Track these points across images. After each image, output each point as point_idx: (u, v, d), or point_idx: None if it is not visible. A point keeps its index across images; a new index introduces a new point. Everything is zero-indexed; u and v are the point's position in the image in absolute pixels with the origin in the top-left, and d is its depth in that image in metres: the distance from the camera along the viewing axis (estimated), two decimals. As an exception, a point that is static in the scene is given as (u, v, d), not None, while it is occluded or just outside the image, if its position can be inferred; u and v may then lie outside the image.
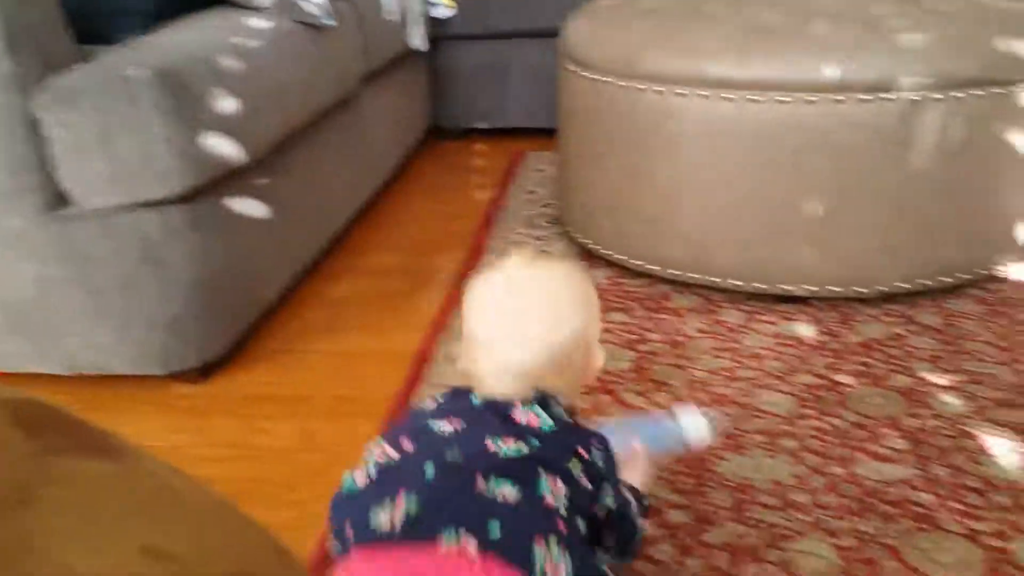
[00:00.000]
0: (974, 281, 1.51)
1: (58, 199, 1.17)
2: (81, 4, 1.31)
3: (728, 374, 1.28)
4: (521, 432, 0.69)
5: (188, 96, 1.18)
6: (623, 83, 1.48)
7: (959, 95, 1.34)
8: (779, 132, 1.37)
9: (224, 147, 1.25)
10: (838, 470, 1.06)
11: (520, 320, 0.74)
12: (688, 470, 1.06)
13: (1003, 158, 1.41)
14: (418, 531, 0.62)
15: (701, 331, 1.41)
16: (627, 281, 1.60)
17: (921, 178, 1.38)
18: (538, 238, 1.82)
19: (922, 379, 1.25)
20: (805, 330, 1.40)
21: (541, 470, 0.66)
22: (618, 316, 1.47)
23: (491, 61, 2.62)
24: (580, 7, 2.48)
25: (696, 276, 1.50)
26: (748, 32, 1.41)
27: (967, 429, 1.13)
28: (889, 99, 1.33)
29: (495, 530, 0.61)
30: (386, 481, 0.67)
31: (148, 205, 1.18)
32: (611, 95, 1.51)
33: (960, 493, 1.01)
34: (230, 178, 1.30)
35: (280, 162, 1.49)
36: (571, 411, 0.76)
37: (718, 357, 1.33)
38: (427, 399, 0.78)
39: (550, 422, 0.71)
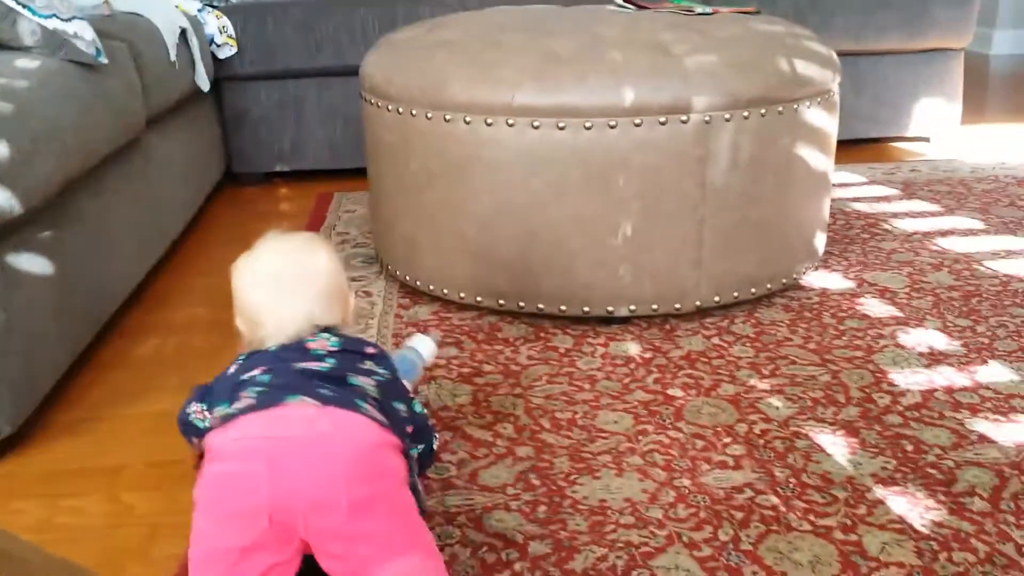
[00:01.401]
0: (780, 290, 1.61)
1: None
2: None
3: (567, 398, 1.27)
4: (318, 355, 0.87)
5: (-53, 141, 1.03)
6: (431, 115, 1.46)
7: (747, 114, 1.42)
8: (586, 157, 1.40)
9: (-5, 197, 1.09)
10: (685, 481, 1.07)
11: (291, 280, 0.92)
12: (542, 498, 1.03)
13: (793, 171, 1.52)
14: (268, 399, 0.81)
15: (533, 359, 1.40)
16: (455, 315, 1.57)
17: (719, 195, 1.45)
18: (356, 279, 1.75)
19: (747, 385, 1.30)
20: (632, 348, 1.43)
21: (348, 374, 0.86)
22: (450, 351, 1.43)
23: (282, 101, 2.53)
24: (374, 43, 2.48)
25: (523, 305, 1.49)
26: (547, 61, 1.43)
27: (797, 430, 1.18)
28: (683, 120, 1.39)
29: (326, 394, 0.82)
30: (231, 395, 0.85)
31: (-96, 267, 1.01)
32: (421, 128, 1.49)
33: (802, 492, 1.04)
34: (6, 232, 1.15)
35: (63, 212, 1.34)
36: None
37: (554, 383, 1.32)
38: (228, 369, 0.91)
39: (336, 339, 0.90)
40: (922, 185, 2.35)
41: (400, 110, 1.51)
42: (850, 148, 2.72)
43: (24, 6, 1.42)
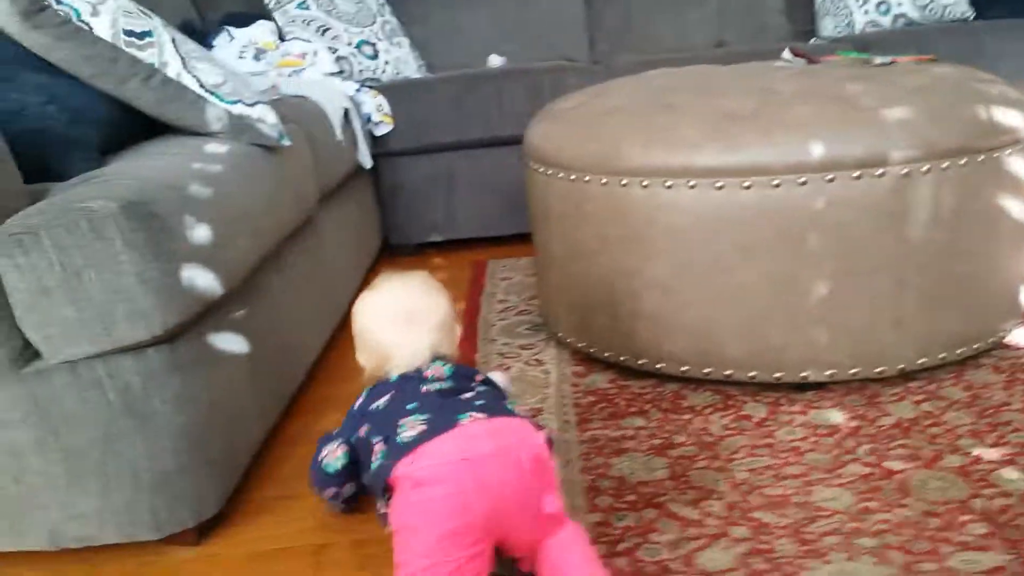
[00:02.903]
0: (986, 350, 1.48)
1: (23, 353, 1.02)
2: (24, 141, 1.18)
3: (773, 473, 1.19)
4: (436, 379, 1.01)
5: (159, 227, 1.06)
6: (605, 180, 1.43)
7: (946, 165, 1.33)
8: (774, 215, 1.33)
9: (201, 279, 1.12)
10: (930, 566, 0.97)
11: (414, 316, 1.06)
12: (770, 586, 0.95)
13: (996, 223, 1.40)
14: (441, 424, 0.91)
15: (728, 429, 1.32)
16: (633, 382, 1.51)
17: (919, 250, 1.35)
18: (524, 347, 1.73)
19: (973, 456, 1.19)
20: (835, 417, 1.33)
21: (473, 384, 1.02)
22: (636, 421, 1.37)
23: (434, 174, 2.58)
24: (522, 115, 2.50)
25: (707, 371, 1.42)
26: (725, 119, 1.38)
27: (1045, 504, 1.06)
28: (878, 174, 1.31)
29: (484, 405, 0.94)
30: (388, 429, 0.95)
31: (125, 351, 1.04)
32: (594, 194, 1.46)
33: (1071, 576, 0.92)
34: (207, 313, 1.17)
35: (252, 290, 1.37)
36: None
37: (755, 455, 1.24)
38: (355, 405, 1.06)
39: (450, 368, 1.04)
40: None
41: (572, 177, 1.49)
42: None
43: (212, 93, 1.49)
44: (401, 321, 1.05)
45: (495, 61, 2.90)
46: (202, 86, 1.43)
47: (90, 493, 1.07)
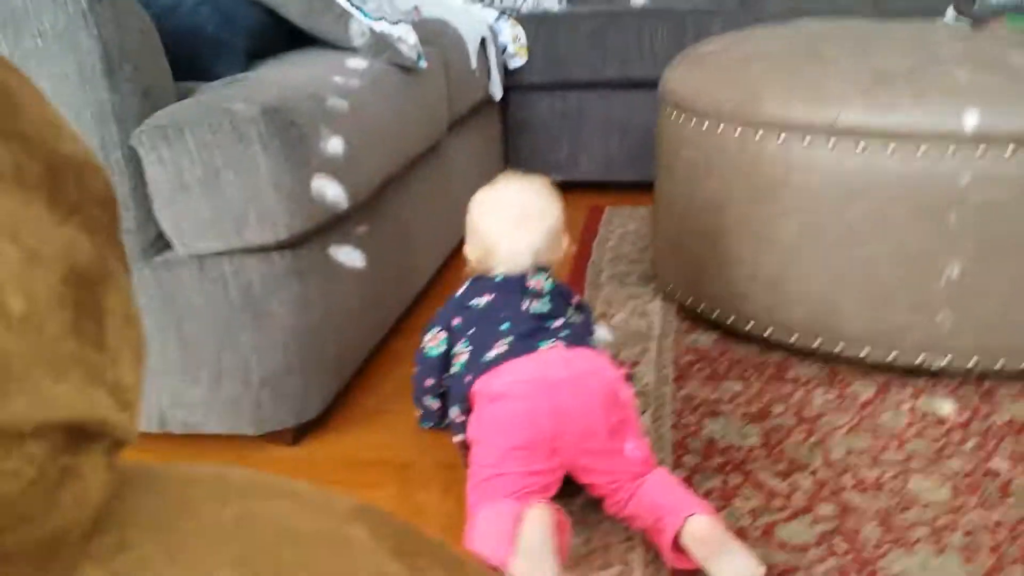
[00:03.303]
0: None
1: (156, 243, 1.09)
2: (175, 39, 1.24)
3: (871, 455, 1.15)
4: (535, 294, 1.05)
5: (297, 135, 1.10)
6: (739, 131, 1.39)
7: (1112, 152, 1.23)
8: (915, 186, 1.26)
9: (331, 190, 1.16)
10: (1018, 571, 0.93)
11: (524, 216, 1.08)
12: (850, 568, 0.94)
13: None
14: (524, 347, 0.98)
15: (830, 405, 1.29)
16: (737, 346, 1.48)
17: (1070, 242, 1.26)
18: (632, 296, 1.72)
19: (1092, 468, 1.12)
20: (946, 407, 1.28)
21: (569, 307, 1.07)
22: (734, 385, 1.35)
23: (564, 111, 2.55)
24: (661, 57, 2.43)
25: (819, 342, 1.38)
26: (878, 77, 1.31)
27: None
28: (1036, 154, 1.22)
29: (568, 335, 1.00)
30: (476, 340, 1.02)
31: (251, 251, 1.10)
32: (726, 144, 1.42)
33: None
34: (332, 225, 1.22)
35: (375, 209, 1.41)
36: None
37: (855, 435, 1.21)
38: (457, 293, 1.11)
39: (551, 283, 1.08)
40: None
41: (705, 125, 1.45)
42: None
43: (357, 8, 1.51)
44: (512, 218, 1.08)
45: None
46: (349, 0, 1.46)
47: (201, 383, 1.14)
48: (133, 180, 1.06)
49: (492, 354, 0.98)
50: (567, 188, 1.37)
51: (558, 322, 1.03)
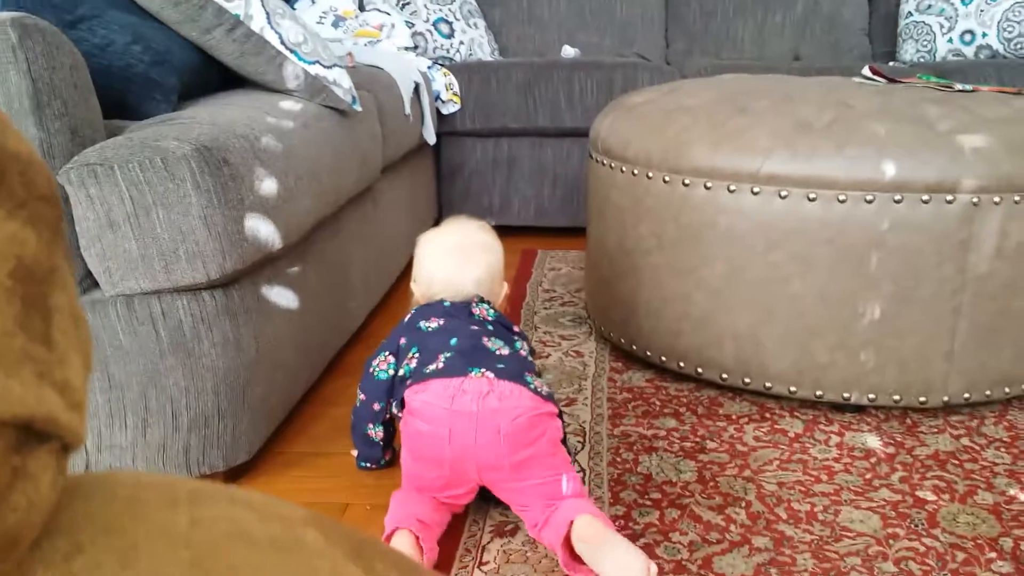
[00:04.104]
0: (1035, 392, 1.45)
1: (82, 282, 1.06)
2: (106, 77, 1.22)
3: (802, 488, 1.18)
4: (479, 320, 1.11)
5: (229, 173, 1.09)
6: (669, 178, 1.43)
7: (1018, 198, 1.30)
8: (836, 231, 1.32)
9: (263, 230, 1.15)
10: (948, 599, 0.95)
11: (468, 250, 1.17)
12: (786, 598, 0.95)
13: (1063, 264, 1.37)
14: (455, 369, 1.02)
15: (762, 440, 1.31)
16: (670, 384, 1.51)
17: (979, 282, 1.32)
18: (566, 337, 1.73)
19: (1008, 496, 1.16)
20: (871, 441, 1.31)
21: (509, 344, 1.09)
22: (669, 422, 1.37)
23: (496, 158, 2.59)
24: (591, 107, 2.49)
25: (747, 380, 1.41)
26: (799, 128, 1.37)
27: (1080, 553, 1.03)
28: (948, 200, 1.29)
29: (501, 368, 1.02)
30: (424, 351, 1.07)
31: (181, 291, 1.07)
32: (656, 191, 1.46)
33: (1099, 628, 0.90)
34: (264, 265, 1.20)
35: (308, 250, 1.39)
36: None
37: (786, 469, 1.23)
38: (404, 319, 1.15)
39: (494, 313, 1.14)
40: None
41: (635, 172, 1.49)
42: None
43: (292, 51, 1.52)
44: (457, 252, 1.16)
45: (568, 52, 2.90)
46: (283, 43, 1.46)
47: (127, 426, 1.10)
48: (58, 218, 1.03)
49: (430, 368, 1.03)
50: (500, 232, 1.39)
51: (503, 350, 1.06)
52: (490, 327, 1.10)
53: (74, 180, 1.02)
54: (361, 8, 2.67)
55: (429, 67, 2.47)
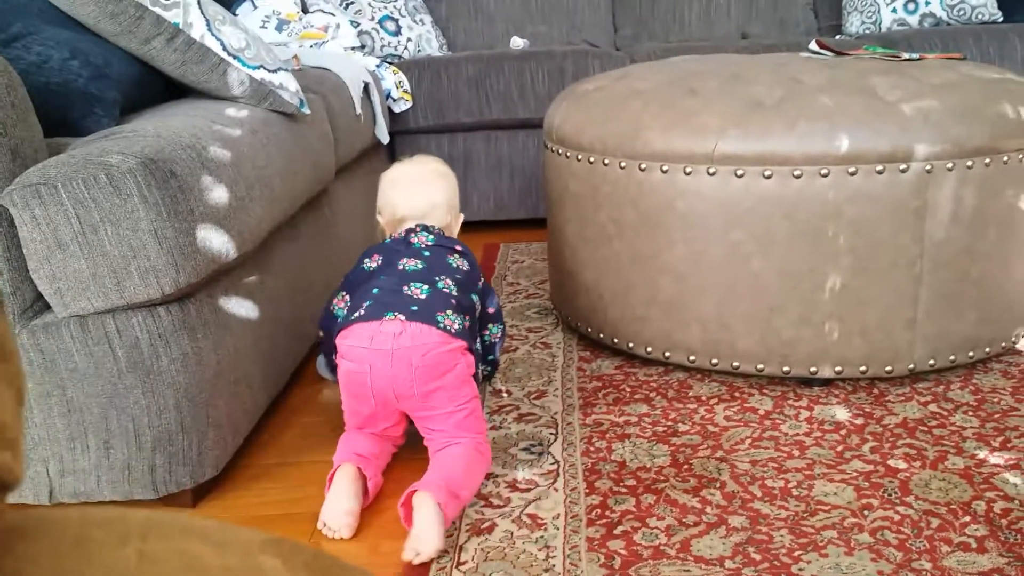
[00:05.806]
0: (997, 355, 1.47)
1: (33, 305, 1.03)
2: (44, 95, 1.19)
3: (776, 465, 1.18)
4: (417, 251, 1.23)
5: (177, 185, 1.06)
6: (624, 164, 1.43)
7: (970, 163, 1.32)
8: (793, 207, 1.32)
9: (216, 241, 1.12)
10: (925, 564, 0.96)
11: (422, 186, 1.32)
12: (768, 572, 0.95)
13: (1016, 226, 1.39)
14: (374, 314, 1.14)
15: (731, 420, 1.32)
16: (639, 370, 1.51)
17: (937, 249, 1.34)
18: (532, 329, 1.73)
19: (977, 459, 1.18)
20: (840, 413, 1.32)
21: (437, 277, 1.19)
22: (640, 408, 1.37)
23: (451, 153, 2.57)
24: (543, 97, 2.49)
25: (715, 361, 1.42)
26: (750, 107, 1.37)
27: (1049, 510, 1.05)
28: (902, 170, 1.30)
29: (414, 311, 1.13)
30: (355, 302, 1.20)
31: (135, 308, 1.04)
32: (613, 178, 1.45)
33: (1071, 583, 0.92)
34: (219, 275, 1.18)
35: (264, 257, 1.37)
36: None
37: (759, 447, 1.23)
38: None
39: (432, 238, 1.26)
40: None
41: (591, 160, 1.49)
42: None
43: (235, 57, 1.49)
44: (414, 181, 1.32)
45: (517, 43, 2.88)
46: (225, 49, 1.43)
47: (90, 449, 1.07)
48: (5, 241, 1.00)
49: (354, 315, 1.16)
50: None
51: (418, 289, 1.16)
52: (427, 253, 1.22)
53: (18, 202, 0.99)
54: (304, 10, 2.63)
55: (378, 66, 2.44)
